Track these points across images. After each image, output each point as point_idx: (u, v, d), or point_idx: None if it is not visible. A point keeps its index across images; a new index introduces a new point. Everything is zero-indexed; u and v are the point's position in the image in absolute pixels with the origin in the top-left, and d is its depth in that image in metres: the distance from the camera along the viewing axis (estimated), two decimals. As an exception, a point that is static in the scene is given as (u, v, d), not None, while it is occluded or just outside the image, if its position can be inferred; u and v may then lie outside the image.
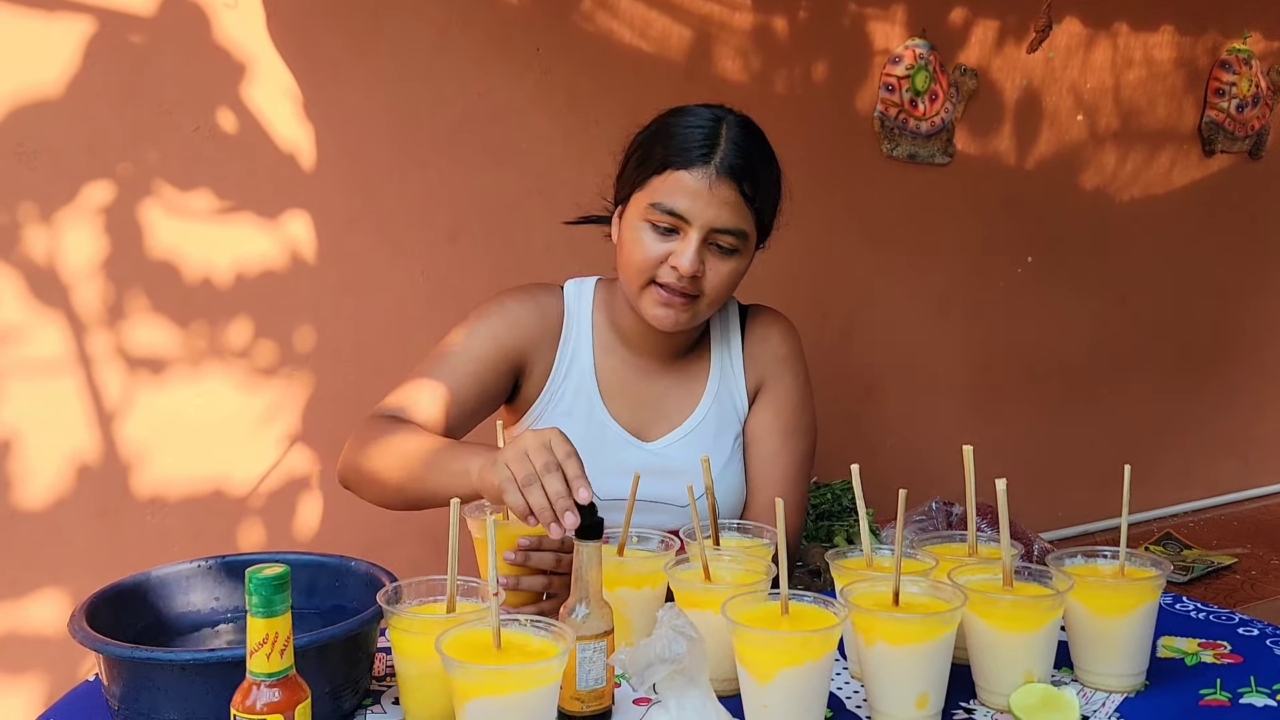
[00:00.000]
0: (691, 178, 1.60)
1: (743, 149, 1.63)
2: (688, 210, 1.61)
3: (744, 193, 1.62)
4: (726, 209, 1.62)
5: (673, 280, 1.63)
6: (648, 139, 1.69)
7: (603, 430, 1.76)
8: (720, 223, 1.62)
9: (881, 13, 3.19)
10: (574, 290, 1.83)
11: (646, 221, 1.64)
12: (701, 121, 1.64)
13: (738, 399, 1.83)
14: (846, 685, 1.38)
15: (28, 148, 2.13)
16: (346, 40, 2.41)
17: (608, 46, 2.75)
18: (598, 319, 1.81)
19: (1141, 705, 1.30)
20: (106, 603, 1.31)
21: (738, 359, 1.84)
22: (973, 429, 3.50)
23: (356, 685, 1.28)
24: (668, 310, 1.66)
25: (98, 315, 2.21)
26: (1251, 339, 4.28)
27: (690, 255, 1.61)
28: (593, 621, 1.24)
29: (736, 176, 1.61)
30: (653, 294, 1.66)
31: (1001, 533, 1.31)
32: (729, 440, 1.81)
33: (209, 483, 2.36)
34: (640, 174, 1.66)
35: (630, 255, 1.66)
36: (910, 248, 3.38)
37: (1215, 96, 3.90)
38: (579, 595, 1.25)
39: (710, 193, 1.60)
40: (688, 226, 1.61)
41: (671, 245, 1.63)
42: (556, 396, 1.77)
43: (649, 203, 1.63)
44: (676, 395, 1.81)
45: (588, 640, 1.23)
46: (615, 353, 1.80)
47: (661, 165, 1.63)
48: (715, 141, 1.62)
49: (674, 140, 1.64)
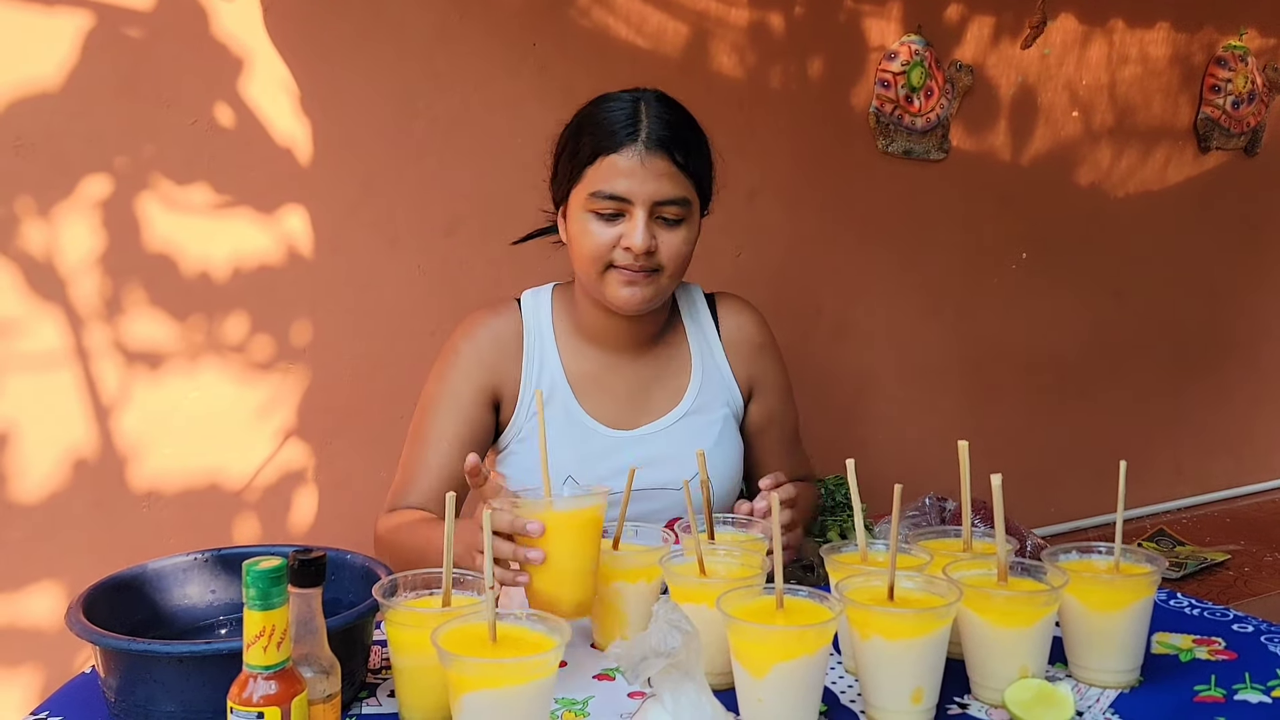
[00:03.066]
0: (623, 159, 1.63)
1: (665, 121, 1.66)
2: (627, 190, 1.63)
3: (676, 161, 1.65)
4: (664, 180, 1.64)
5: (629, 262, 1.66)
6: (573, 134, 1.72)
7: (585, 430, 1.78)
8: (661, 195, 1.64)
9: (877, 9, 3.19)
10: (530, 301, 1.85)
11: (590, 212, 1.67)
12: (621, 104, 1.67)
13: (728, 383, 1.86)
14: (841, 679, 1.38)
15: (25, 141, 2.12)
16: (344, 34, 2.41)
17: (604, 41, 2.75)
18: (559, 324, 1.82)
19: (1136, 701, 1.31)
20: (103, 595, 1.31)
21: (716, 345, 1.87)
22: (966, 425, 3.50)
23: (352, 678, 1.29)
24: (632, 289, 1.68)
25: (95, 309, 2.21)
26: (1245, 336, 4.29)
27: (640, 232, 1.63)
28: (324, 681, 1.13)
29: (666, 147, 1.64)
30: (613, 278, 1.68)
31: (997, 528, 1.32)
32: (717, 422, 1.83)
33: (205, 476, 2.36)
34: (573, 168, 1.69)
35: (581, 248, 1.68)
36: (905, 243, 3.38)
37: (1211, 93, 3.91)
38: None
39: (644, 168, 1.63)
40: (630, 206, 1.64)
41: (619, 228, 1.65)
42: (531, 409, 1.78)
43: (588, 193, 1.66)
44: (659, 384, 1.83)
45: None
46: (584, 352, 1.81)
47: (592, 154, 1.66)
48: (638, 119, 1.65)
49: (599, 128, 1.66)
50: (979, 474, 1.34)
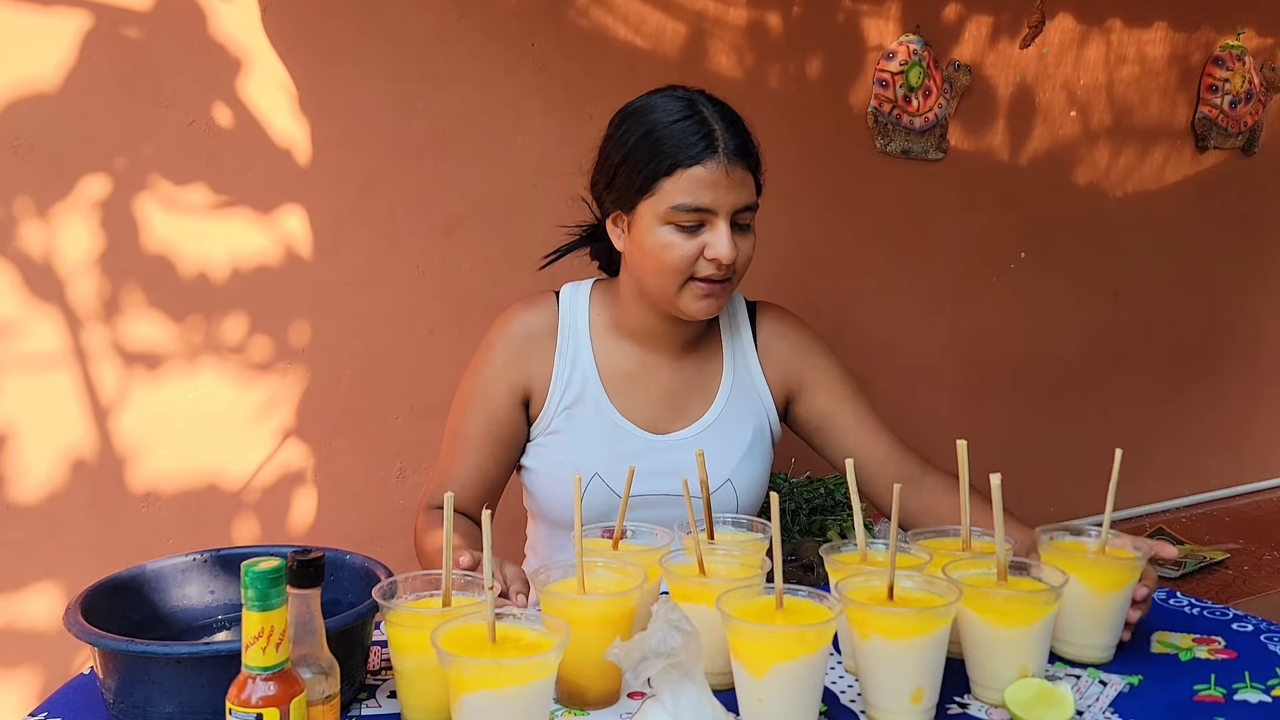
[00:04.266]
0: (707, 171, 1.62)
1: (734, 128, 1.66)
2: (713, 202, 1.62)
3: (750, 168, 1.66)
4: (744, 190, 1.65)
5: (713, 272, 1.65)
6: (633, 144, 1.67)
7: (615, 428, 1.77)
8: (741, 203, 1.65)
9: (876, 8, 3.19)
10: (569, 295, 1.83)
11: (670, 224, 1.64)
12: (682, 113, 1.66)
13: (760, 392, 1.84)
14: (841, 679, 1.38)
15: (23, 141, 2.12)
16: (342, 34, 2.41)
17: (602, 41, 2.75)
18: (596, 320, 1.81)
19: (1135, 700, 1.31)
20: (102, 596, 1.31)
21: (751, 353, 1.85)
22: (965, 424, 3.51)
23: (351, 679, 1.29)
24: (710, 300, 1.68)
25: (93, 309, 2.21)
26: (1244, 335, 4.30)
27: (727, 244, 1.63)
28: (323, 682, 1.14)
29: (743, 155, 1.65)
30: (692, 290, 1.67)
31: (996, 528, 1.32)
32: (748, 432, 1.81)
33: (204, 477, 2.36)
34: (643, 180, 1.65)
35: (662, 260, 1.65)
36: (903, 243, 3.38)
37: (1208, 93, 3.91)
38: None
39: (728, 179, 1.62)
40: (714, 217, 1.63)
41: (700, 239, 1.64)
42: (561, 402, 1.77)
43: (668, 205, 1.63)
44: (692, 389, 1.81)
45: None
46: (621, 350, 1.80)
47: (670, 167, 1.62)
48: (709, 129, 1.63)
49: (669, 139, 1.63)
50: (978, 473, 1.34)
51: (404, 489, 2.57)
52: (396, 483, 2.57)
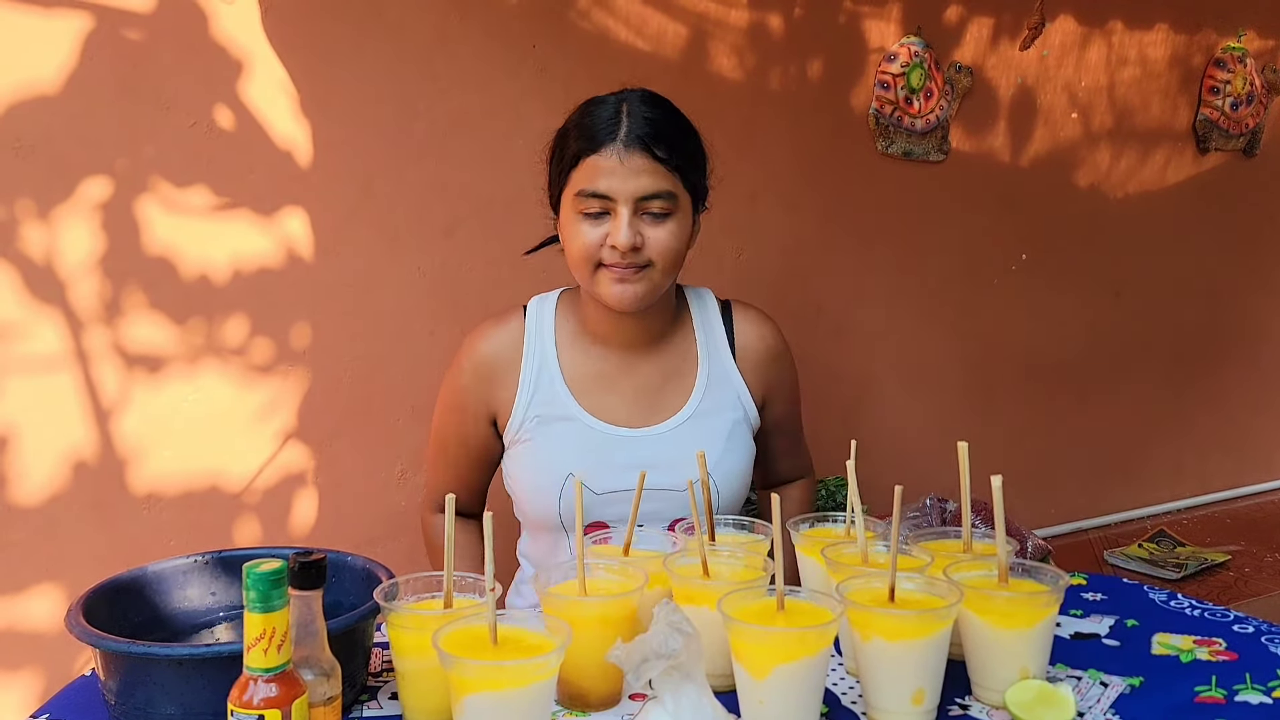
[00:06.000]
0: (603, 158, 1.66)
1: (646, 119, 1.69)
2: (608, 188, 1.66)
3: (657, 156, 1.67)
4: (645, 177, 1.66)
5: (616, 259, 1.68)
6: (560, 139, 1.76)
7: (585, 429, 1.78)
8: (642, 190, 1.66)
9: (877, 10, 3.19)
10: (535, 308, 1.88)
11: (577, 213, 1.70)
12: (604, 106, 1.71)
13: (738, 389, 1.86)
14: (842, 681, 1.38)
15: (25, 143, 2.12)
16: (343, 36, 2.41)
17: (604, 43, 2.75)
18: (562, 327, 1.85)
19: (1136, 702, 1.31)
20: (103, 598, 1.32)
21: (725, 351, 1.87)
22: (966, 426, 3.50)
23: (353, 681, 1.29)
24: (623, 286, 1.70)
25: (94, 311, 2.21)
26: (1245, 337, 4.29)
27: (623, 229, 1.66)
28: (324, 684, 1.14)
29: (644, 144, 1.66)
30: (604, 276, 1.71)
31: (997, 529, 1.32)
32: (725, 426, 1.83)
33: (205, 478, 2.36)
34: (560, 172, 1.73)
35: (572, 248, 1.72)
36: (904, 245, 3.38)
37: (1210, 94, 3.91)
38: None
39: (623, 166, 1.65)
40: (614, 204, 1.67)
41: (606, 227, 1.68)
42: (528, 414, 1.80)
43: (574, 194, 1.69)
44: (667, 384, 1.83)
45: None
46: (588, 353, 1.83)
47: (576, 157, 1.69)
48: (618, 119, 1.68)
49: (582, 131, 1.70)
50: (979, 475, 1.34)
51: (405, 490, 2.57)
52: (398, 484, 2.57)
